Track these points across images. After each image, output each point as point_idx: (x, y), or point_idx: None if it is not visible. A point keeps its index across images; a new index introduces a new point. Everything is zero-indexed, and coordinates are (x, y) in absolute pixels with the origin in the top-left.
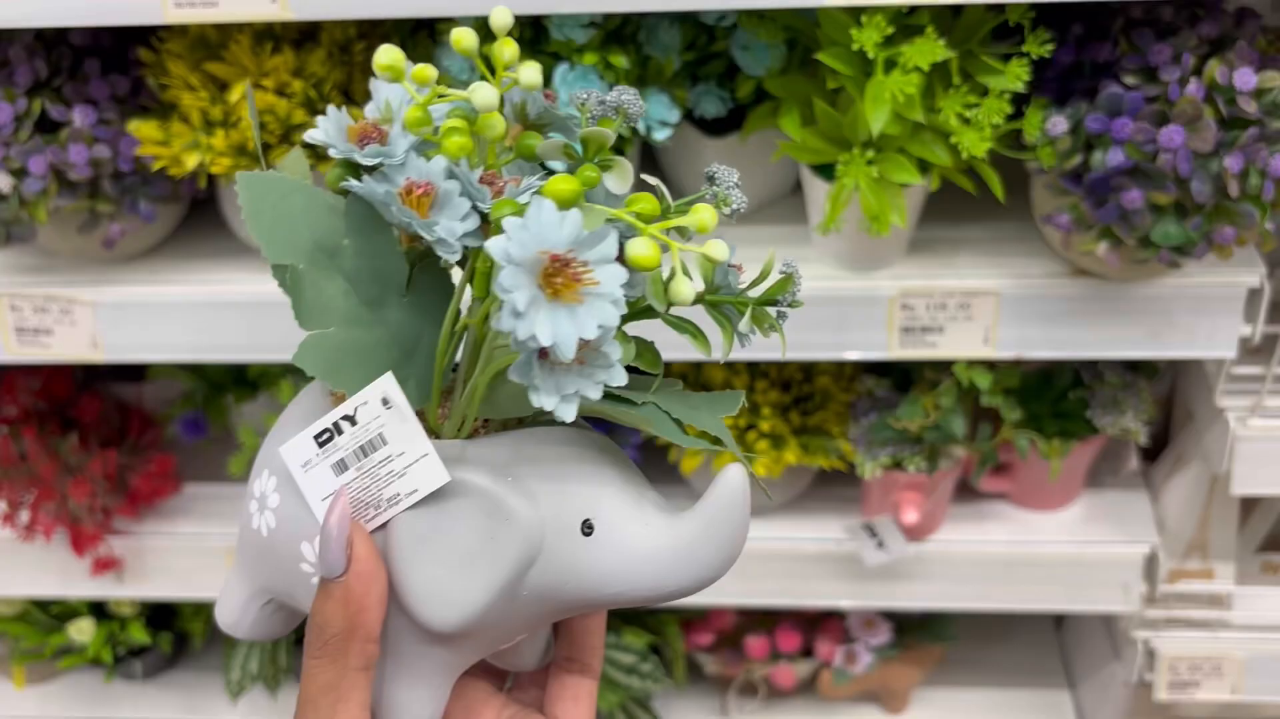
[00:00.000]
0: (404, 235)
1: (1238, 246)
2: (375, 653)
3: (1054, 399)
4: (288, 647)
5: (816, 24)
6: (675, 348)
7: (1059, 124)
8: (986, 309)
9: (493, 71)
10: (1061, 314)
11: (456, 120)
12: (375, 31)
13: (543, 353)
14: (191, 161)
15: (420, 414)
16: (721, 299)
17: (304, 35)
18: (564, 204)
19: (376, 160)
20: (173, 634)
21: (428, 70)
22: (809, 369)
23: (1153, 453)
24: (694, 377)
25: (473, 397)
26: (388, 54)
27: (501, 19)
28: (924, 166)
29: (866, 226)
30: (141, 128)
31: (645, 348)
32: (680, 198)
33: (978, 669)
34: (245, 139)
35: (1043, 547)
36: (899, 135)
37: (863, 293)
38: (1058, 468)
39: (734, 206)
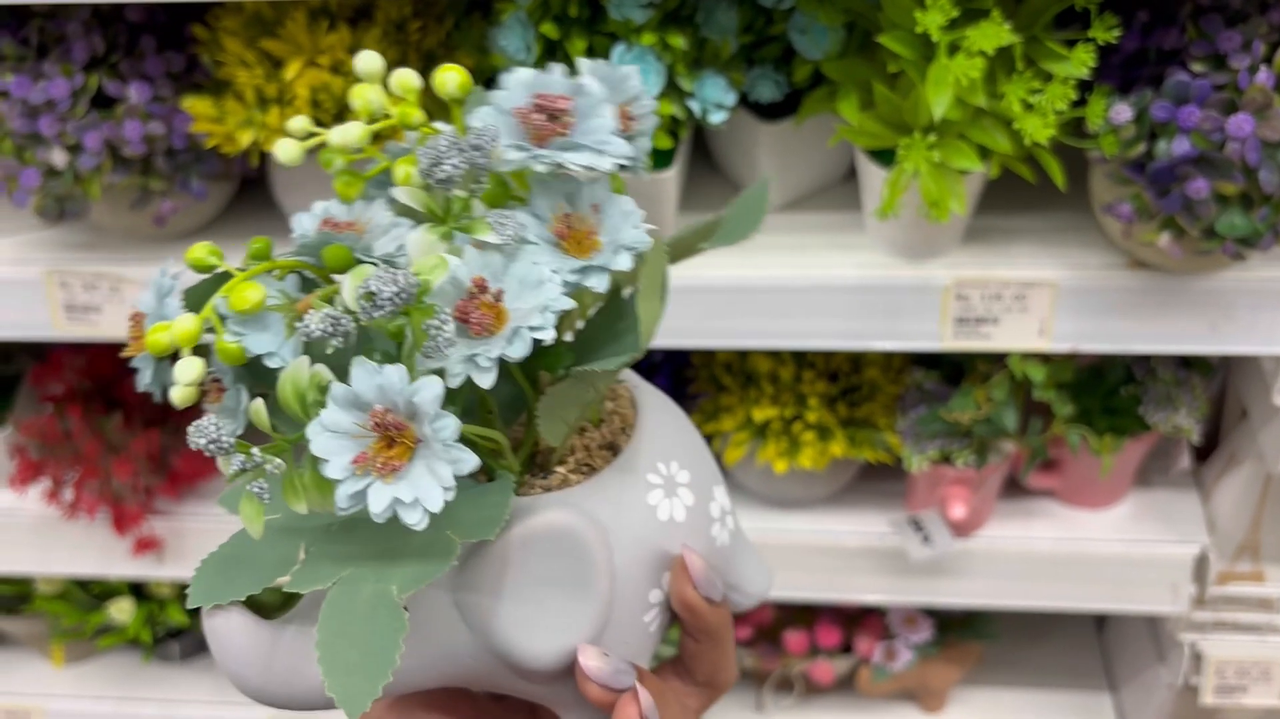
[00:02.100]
0: None
1: None
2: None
3: (1106, 395)
4: None
5: (876, 7)
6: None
7: (1123, 112)
8: (1042, 300)
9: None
10: (1119, 307)
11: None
12: (430, 11)
13: None
14: (245, 139)
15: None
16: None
17: (359, 13)
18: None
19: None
20: None
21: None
22: (857, 360)
23: (1203, 452)
24: (739, 365)
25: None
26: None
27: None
28: (984, 153)
29: (925, 213)
30: (196, 104)
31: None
32: (731, 185)
33: (1017, 669)
34: (299, 116)
35: (1090, 545)
36: (959, 121)
37: (917, 282)
38: (1109, 464)
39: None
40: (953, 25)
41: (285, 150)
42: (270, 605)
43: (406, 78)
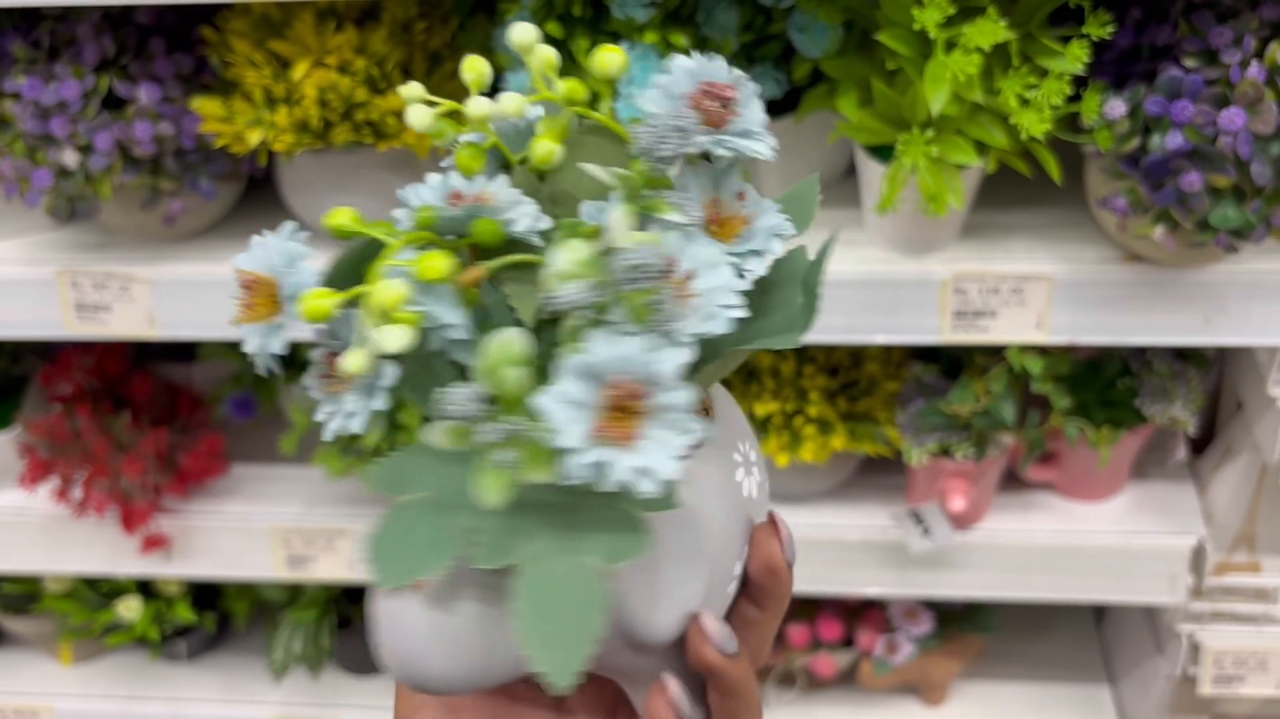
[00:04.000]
0: None
1: None
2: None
3: (1102, 387)
4: (331, 628)
5: (875, 5)
6: None
7: (1117, 107)
8: (1039, 294)
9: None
10: (1115, 300)
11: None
12: (436, 12)
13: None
14: (254, 138)
15: None
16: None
17: (365, 14)
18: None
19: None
20: (217, 614)
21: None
22: (857, 354)
23: (1200, 444)
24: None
25: None
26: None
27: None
28: (981, 149)
29: (923, 208)
30: (205, 105)
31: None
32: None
33: (1017, 662)
34: (307, 116)
35: (1088, 537)
36: (957, 117)
37: (915, 276)
38: (1106, 456)
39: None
40: (950, 22)
41: (418, 117)
42: (277, 603)
43: (547, 53)
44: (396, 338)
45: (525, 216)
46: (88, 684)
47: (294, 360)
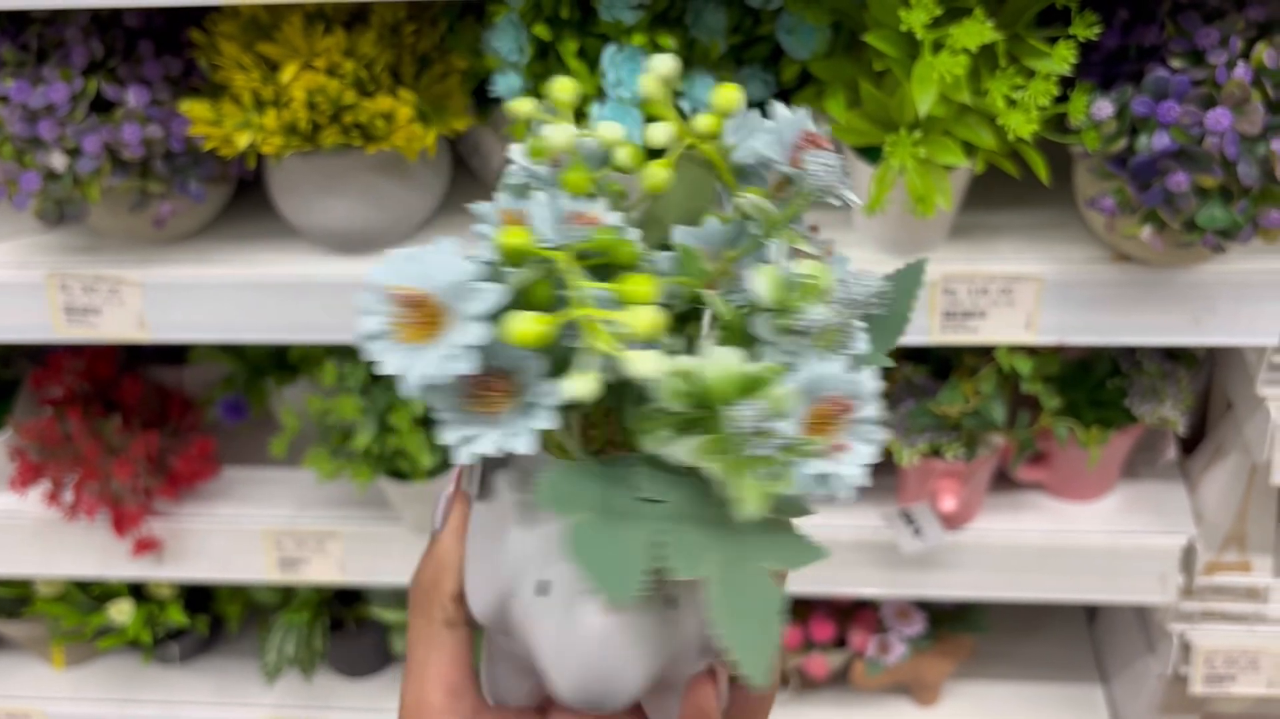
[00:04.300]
0: None
1: None
2: (457, 616)
3: (1092, 388)
4: (324, 631)
5: (862, 6)
6: None
7: (1104, 108)
8: (1028, 294)
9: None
10: (1103, 300)
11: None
12: (424, 14)
13: (481, 387)
14: (243, 141)
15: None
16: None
17: (354, 17)
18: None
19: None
20: (209, 617)
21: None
22: None
23: (1190, 444)
24: None
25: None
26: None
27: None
28: (969, 149)
29: (911, 208)
30: (194, 108)
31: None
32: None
33: (1009, 663)
34: (296, 118)
35: (1079, 537)
36: (945, 118)
37: None
38: (1096, 456)
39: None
40: (936, 23)
41: (556, 135)
42: (269, 605)
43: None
44: (650, 363)
45: (636, 239)
46: (80, 688)
47: (284, 363)
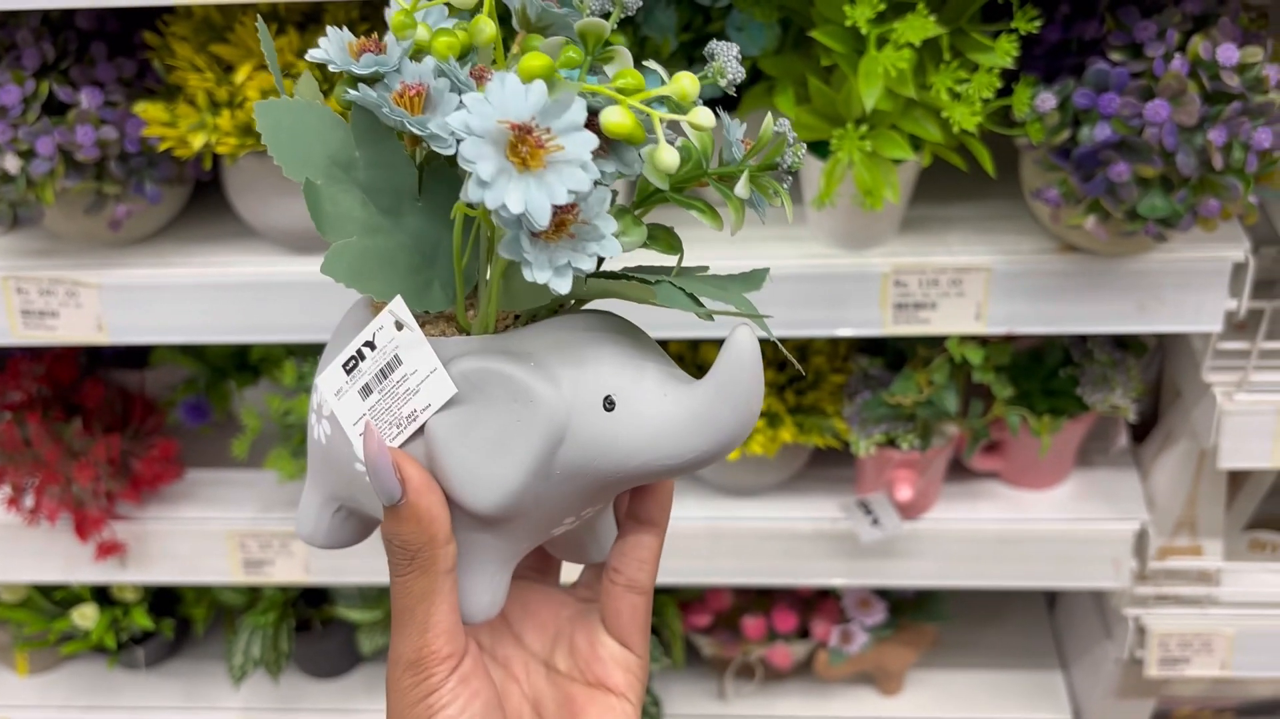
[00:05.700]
0: (409, 140)
1: (1222, 220)
2: (455, 550)
3: (1044, 377)
4: (290, 632)
5: (809, 3)
6: (670, 327)
7: (1047, 100)
8: (977, 285)
9: None
10: (1051, 290)
11: (449, 27)
12: (377, 15)
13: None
14: (198, 142)
15: (449, 316)
16: (726, 170)
17: (307, 17)
18: (533, 78)
19: (372, 70)
20: (175, 620)
21: None
22: (804, 349)
23: (1142, 432)
24: (690, 357)
25: (490, 291)
26: None
27: None
28: (916, 143)
29: (860, 202)
30: (148, 109)
31: (662, 232)
32: None
33: (971, 651)
34: (250, 120)
35: (1034, 524)
36: (891, 112)
37: (856, 270)
38: (1048, 444)
39: (729, 78)
40: (881, 19)
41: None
42: (235, 607)
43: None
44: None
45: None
46: (45, 695)
47: (246, 365)
